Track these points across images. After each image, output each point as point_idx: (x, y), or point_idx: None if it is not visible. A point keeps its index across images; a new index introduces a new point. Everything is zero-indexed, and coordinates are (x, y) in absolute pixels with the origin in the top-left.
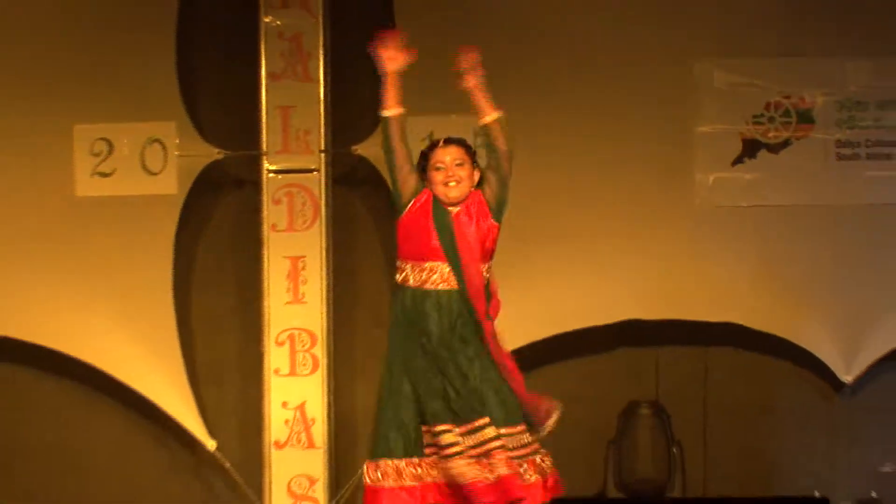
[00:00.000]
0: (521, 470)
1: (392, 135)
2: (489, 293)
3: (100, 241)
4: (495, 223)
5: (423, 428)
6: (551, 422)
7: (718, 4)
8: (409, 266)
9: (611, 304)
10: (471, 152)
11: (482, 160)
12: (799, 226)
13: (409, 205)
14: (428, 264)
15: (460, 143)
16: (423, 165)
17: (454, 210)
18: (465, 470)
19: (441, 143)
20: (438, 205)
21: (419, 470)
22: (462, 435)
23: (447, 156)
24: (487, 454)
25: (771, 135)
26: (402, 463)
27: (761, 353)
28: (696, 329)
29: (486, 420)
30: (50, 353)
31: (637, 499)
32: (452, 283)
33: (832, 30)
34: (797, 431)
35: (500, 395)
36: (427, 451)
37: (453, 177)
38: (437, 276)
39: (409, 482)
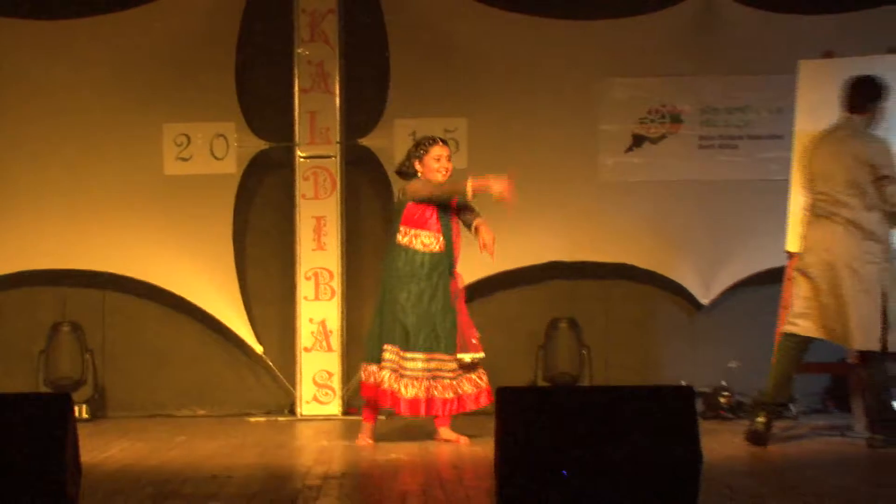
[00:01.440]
0: (481, 384)
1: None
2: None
3: (181, 206)
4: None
5: (405, 352)
6: (473, 354)
7: (616, 40)
8: (412, 232)
9: (540, 250)
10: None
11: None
12: (673, 195)
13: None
14: (424, 232)
15: (447, 143)
16: (421, 154)
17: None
18: (434, 387)
19: (440, 143)
20: None
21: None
22: (434, 360)
23: (444, 153)
24: (456, 377)
25: (652, 131)
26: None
27: (646, 284)
28: (600, 267)
29: (452, 352)
30: (144, 284)
31: (558, 386)
32: (440, 248)
33: (693, 57)
34: (670, 339)
35: (457, 331)
36: (407, 372)
37: (445, 167)
38: (432, 241)
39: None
